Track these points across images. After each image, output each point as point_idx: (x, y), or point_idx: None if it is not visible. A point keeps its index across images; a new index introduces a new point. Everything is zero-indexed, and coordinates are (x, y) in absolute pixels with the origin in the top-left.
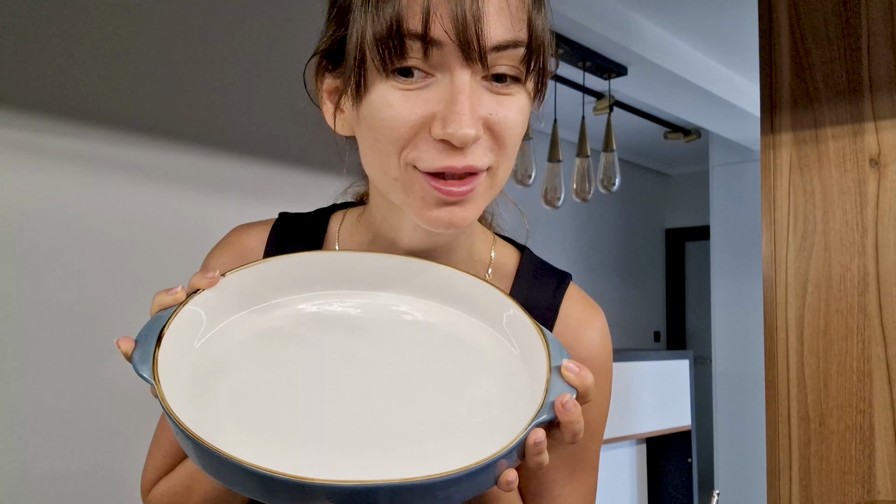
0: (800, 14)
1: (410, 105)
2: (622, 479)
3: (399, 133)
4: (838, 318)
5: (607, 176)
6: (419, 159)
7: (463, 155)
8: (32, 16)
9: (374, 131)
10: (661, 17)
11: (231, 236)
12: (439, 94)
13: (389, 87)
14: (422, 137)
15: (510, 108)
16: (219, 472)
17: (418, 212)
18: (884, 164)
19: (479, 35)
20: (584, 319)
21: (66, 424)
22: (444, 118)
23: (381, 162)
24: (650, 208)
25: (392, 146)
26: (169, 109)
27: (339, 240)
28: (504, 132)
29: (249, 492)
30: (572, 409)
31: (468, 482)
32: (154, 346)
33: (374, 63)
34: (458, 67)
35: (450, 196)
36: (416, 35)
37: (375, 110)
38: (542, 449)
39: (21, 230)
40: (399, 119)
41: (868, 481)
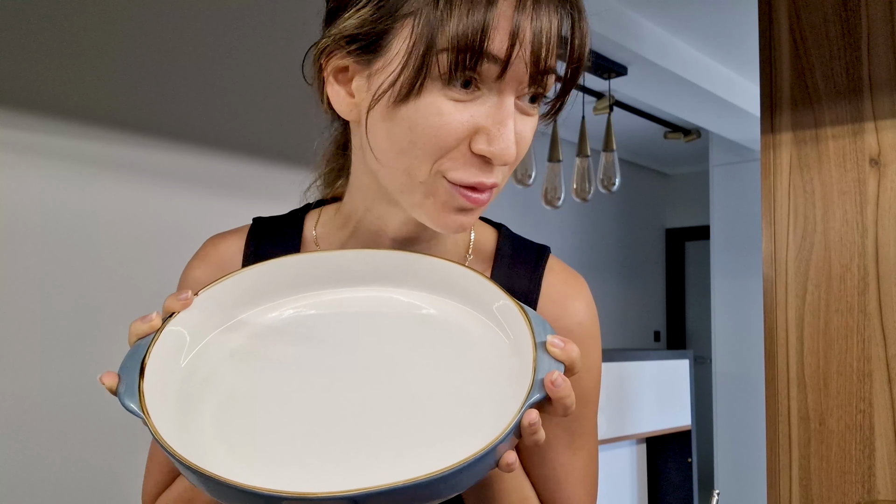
0: (800, 14)
1: (460, 116)
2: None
3: (443, 143)
4: (838, 317)
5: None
6: (453, 170)
7: (493, 172)
8: (32, 16)
9: (415, 135)
10: (661, 17)
11: (206, 248)
12: (486, 110)
13: (442, 95)
14: (460, 150)
15: (528, 128)
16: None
17: (433, 215)
18: (884, 163)
19: (547, 62)
20: (567, 290)
21: (66, 423)
22: (490, 136)
23: (410, 165)
24: (650, 208)
25: (430, 153)
26: (169, 109)
27: (317, 238)
28: (521, 150)
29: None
30: (562, 385)
31: (470, 471)
32: (138, 377)
33: (436, 69)
34: (510, 89)
35: (475, 204)
36: (496, 58)
37: (423, 116)
38: (537, 428)
39: (21, 230)
40: (447, 128)
41: (868, 481)
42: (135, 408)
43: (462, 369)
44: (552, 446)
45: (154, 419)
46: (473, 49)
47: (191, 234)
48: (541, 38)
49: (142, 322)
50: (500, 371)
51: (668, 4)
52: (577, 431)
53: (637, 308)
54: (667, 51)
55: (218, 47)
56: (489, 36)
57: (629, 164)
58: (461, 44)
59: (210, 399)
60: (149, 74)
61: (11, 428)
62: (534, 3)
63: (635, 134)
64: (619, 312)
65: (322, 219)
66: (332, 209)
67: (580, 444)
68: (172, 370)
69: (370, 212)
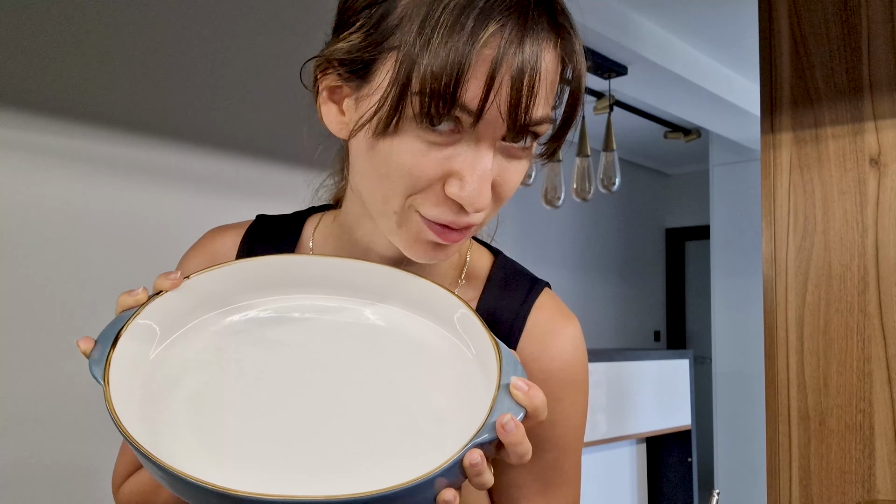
0: (800, 14)
1: (433, 159)
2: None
3: (415, 182)
4: (838, 317)
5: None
6: (424, 207)
7: (467, 215)
8: (32, 16)
9: (389, 170)
10: (661, 17)
11: (205, 238)
12: (462, 154)
13: (417, 137)
14: (434, 190)
15: (515, 172)
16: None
17: (406, 244)
18: (884, 163)
19: (527, 119)
20: (552, 330)
21: (62, 421)
22: (462, 182)
23: (385, 194)
24: (650, 208)
25: (403, 189)
26: (169, 109)
27: (313, 242)
28: (505, 193)
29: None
30: (513, 430)
31: (404, 499)
32: (110, 346)
33: (411, 109)
34: (489, 139)
35: (447, 241)
36: (469, 111)
37: (398, 153)
38: (480, 470)
39: (20, 230)
40: (419, 169)
41: (868, 481)
42: (98, 376)
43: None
44: (524, 494)
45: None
46: (446, 97)
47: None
48: (519, 93)
49: (129, 295)
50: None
51: (668, 4)
52: (553, 481)
53: (637, 308)
54: (667, 51)
55: (218, 47)
56: (462, 83)
57: (629, 163)
58: (433, 89)
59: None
60: (149, 74)
61: (7, 427)
62: (519, 39)
63: (635, 134)
64: (619, 312)
65: (321, 225)
66: (332, 216)
67: (556, 493)
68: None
69: (360, 226)
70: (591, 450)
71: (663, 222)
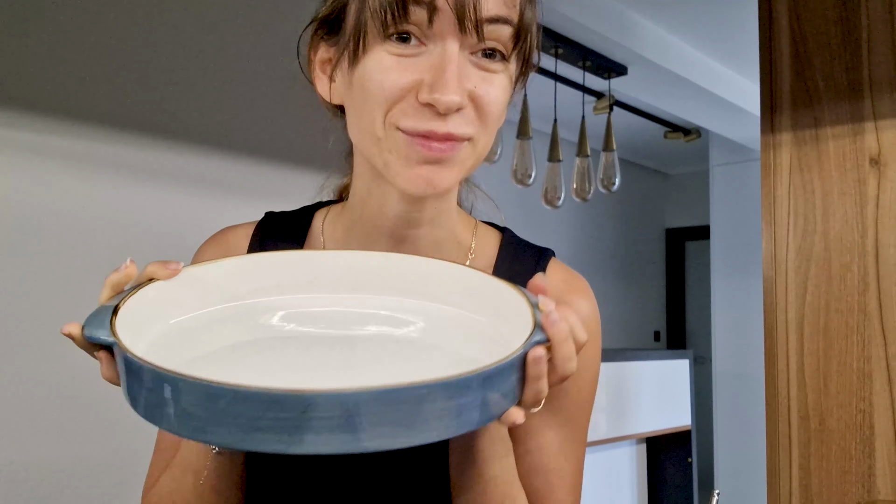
0: (800, 14)
1: (402, 69)
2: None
3: (388, 94)
4: (838, 317)
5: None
6: (403, 119)
7: (444, 122)
8: (32, 16)
9: (365, 91)
10: (661, 17)
11: (218, 234)
12: (430, 63)
13: (385, 52)
14: (408, 101)
15: (494, 85)
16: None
17: (400, 171)
18: (884, 163)
19: (475, 6)
20: (568, 288)
21: (66, 422)
22: (431, 84)
23: (368, 122)
24: (650, 208)
25: (379, 106)
26: (169, 109)
27: (323, 233)
28: (487, 106)
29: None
30: (559, 323)
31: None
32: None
33: (374, 26)
34: (450, 38)
35: (431, 152)
36: (419, 2)
37: (369, 72)
38: (541, 371)
39: (20, 230)
40: (390, 80)
41: (868, 481)
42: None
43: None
44: (546, 451)
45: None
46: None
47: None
48: None
49: (116, 273)
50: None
51: (668, 4)
52: (570, 437)
53: (637, 308)
54: (667, 51)
55: (218, 47)
56: None
57: (629, 164)
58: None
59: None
60: (149, 74)
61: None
62: None
63: (635, 134)
64: (619, 312)
65: (329, 215)
66: (339, 206)
67: (572, 450)
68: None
69: (371, 195)
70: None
71: (663, 222)
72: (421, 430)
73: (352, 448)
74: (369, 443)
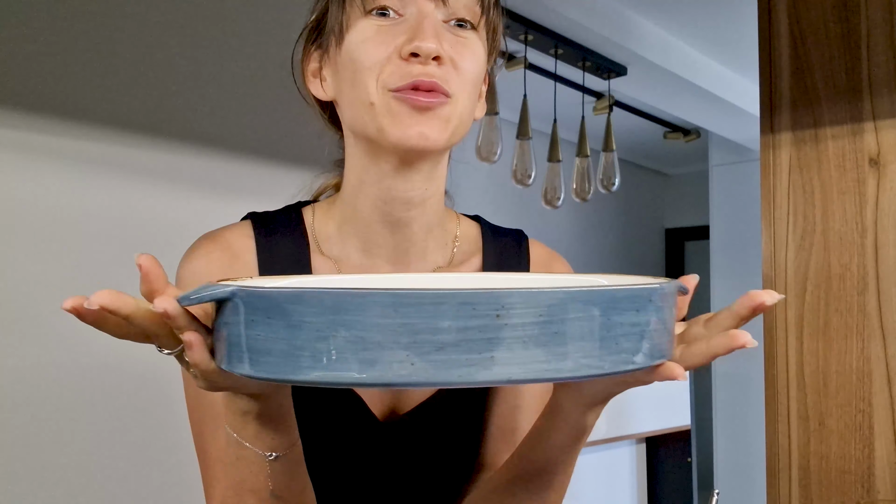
0: (800, 14)
1: (384, 35)
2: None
3: (375, 57)
4: (838, 317)
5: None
6: (391, 79)
7: (428, 73)
8: (32, 16)
9: (354, 63)
10: (661, 17)
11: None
12: (409, 25)
13: (367, 23)
14: (393, 62)
15: (467, 48)
16: (374, 339)
17: (391, 130)
18: (883, 163)
19: None
20: (550, 258)
21: (66, 422)
22: (411, 38)
23: (362, 91)
24: (650, 208)
25: (370, 70)
26: (169, 109)
27: (315, 229)
28: (462, 63)
29: (413, 354)
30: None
31: (646, 312)
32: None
33: (354, 4)
34: (423, 3)
35: (418, 103)
36: None
37: (355, 44)
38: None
39: (20, 230)
40: (373, 45)
41: (868, 481)
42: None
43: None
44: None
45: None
46: None
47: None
48: None
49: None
50: None
51: (668, 4)
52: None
53: None
54: (667, 51)
55: (218, 47)
56: None
57: (629, 164)
58: None
59: None
60: (149, 74)
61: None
62: None
63: (635, 134)
64: None
65: (318, 213)
66: (326, 203)
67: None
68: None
69: (365, 182)
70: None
71: (663, 222)
72: (611, 351)
73: (542, 371)
74: (560, 363)
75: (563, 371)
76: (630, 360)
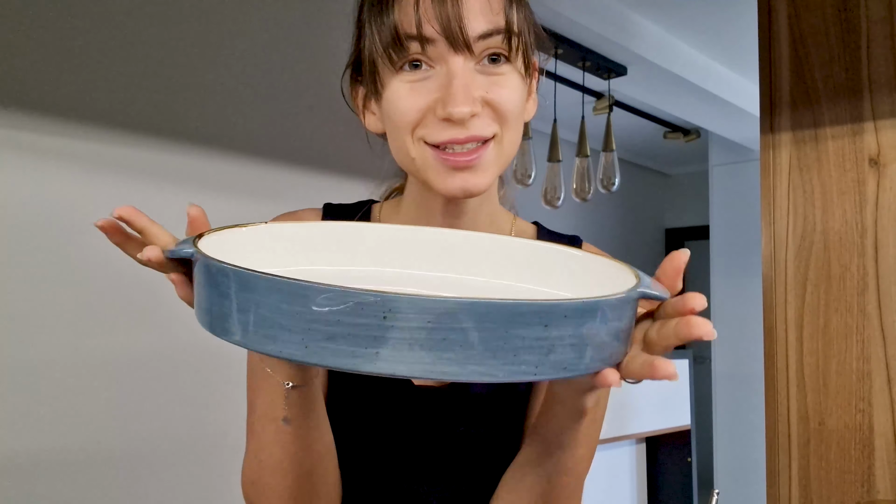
0: (799, 14)
1: (417, 94)
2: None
3: (410, 116)
4: (838, 317)
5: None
6: (427, 135)
7: (465, 128)
8: (32, 16)
9: (392, 119)
10: (661, 17)
11: (288, 213)
12: (439, 83)
13: (399, 82)
14: (429, 118)
15: (503, 86)
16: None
17: (436, 181)
18: (883, 163)
19: (461, 29)
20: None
21: (66, 422)
22: (443, 101)
23: (401, 143)
24: (650, 208)
25: (405, 129)
26: (169, 109)
27: (380, 222)
28: (501, 105)
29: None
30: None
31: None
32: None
33: (384, 64)
34: (450, 57)
35: (457, 164)
36: (412, 36)
37: (391, 102)
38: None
39: (19, 230)
40: (408, 105)
41: (868, 481)
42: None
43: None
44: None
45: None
46: (393, 37)
47: None
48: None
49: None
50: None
51: (668, 4)
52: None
53: None
54: (667, 51)
55: (219, 47)
56: (400, 23)
57: (629, 164)
58: (388, 38)
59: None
60: (149, 74)
61: (6, 426)
62: None
63: (635, 134)
64: None
65: (384, 209)
66: (395, 202)
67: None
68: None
69: (420, 195)
70: None
71: (663, 222)
72: (506, 362)
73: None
74: (447, 367)
75: (451, 375)
76: (531, 372)
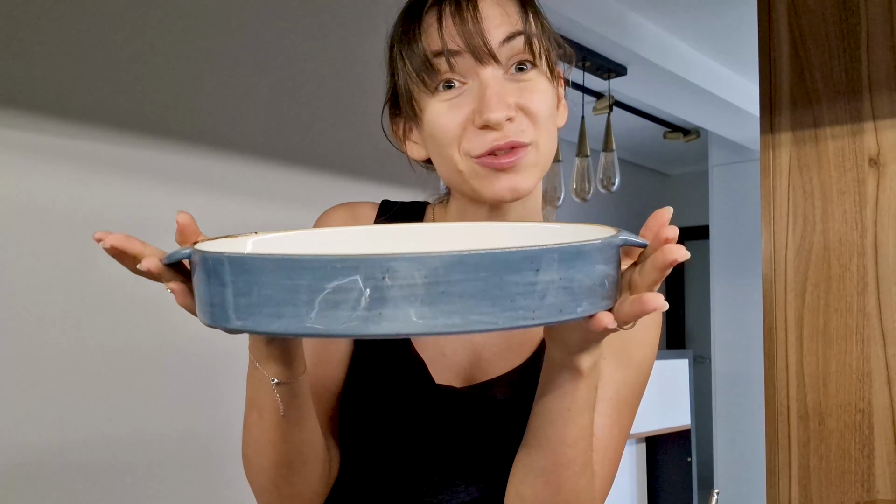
0: (799, 14)
1: (455, 110)
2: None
3: (452, 133)
4: (837, 317)
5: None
6: (471, 149)
7: (504, 134)
8: (33, 16)
9: (435, 137)
10: (661, 17)
11: (346, 204)
12: (473, 95)
13: (436, 103)
14: (470, 131)
15: (533, 91)
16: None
17: (484, 191)
18: (883, 163)
19: (483, 40)
20: None
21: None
22: (479, 109)
23: (448, 161)
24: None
25: (451, 145)
26: (170, 109)
27: (433, 221)
28: (534, 110)
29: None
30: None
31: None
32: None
33: (420, 89)
34: (479, 69)
35: (500, 167)
36: (438, 53)
37: (431, 123)
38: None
39: (19, 230)
40: (448, 121)
41: (867, 481)
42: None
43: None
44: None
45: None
46: (423, 60)
47: None
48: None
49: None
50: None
51: (668, 5)
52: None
53: None
54: (667, 51)
55: (219, 46)
56: (427, 46)
57: (629, 164)
58: (419, 63)
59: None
60: (150, 74)
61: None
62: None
63: (635, 134)
64: None
65: (437, 209)
66: (444, 206)
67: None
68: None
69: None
70: None
71: None
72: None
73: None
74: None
75: (454, 327)
76: (529, 317)
